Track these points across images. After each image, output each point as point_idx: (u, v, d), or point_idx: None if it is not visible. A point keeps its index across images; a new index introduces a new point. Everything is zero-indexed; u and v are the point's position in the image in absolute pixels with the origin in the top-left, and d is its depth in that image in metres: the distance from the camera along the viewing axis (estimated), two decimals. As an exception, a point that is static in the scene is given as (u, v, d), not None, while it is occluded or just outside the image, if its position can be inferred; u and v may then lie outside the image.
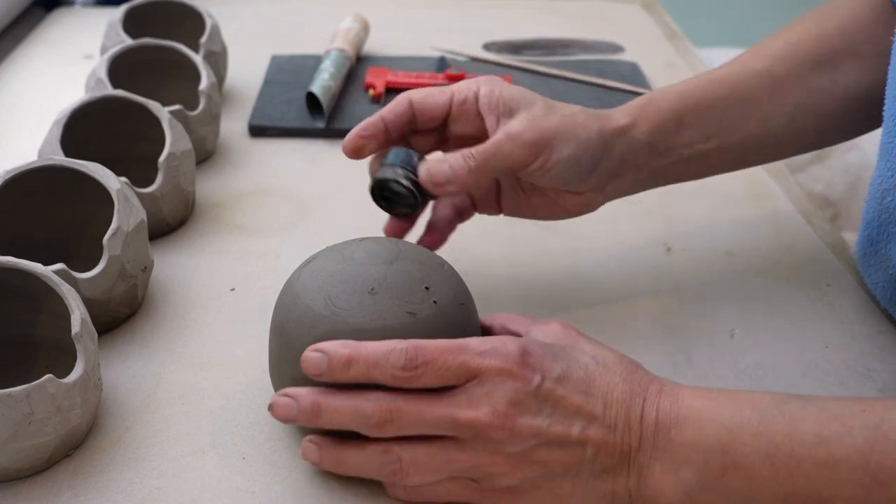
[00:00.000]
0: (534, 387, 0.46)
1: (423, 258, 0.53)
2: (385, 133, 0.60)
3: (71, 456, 0.53)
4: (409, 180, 0.59)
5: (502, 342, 0.48)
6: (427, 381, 0.47)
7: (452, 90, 0.61)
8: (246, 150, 0.88)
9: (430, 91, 0.60)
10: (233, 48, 1.02)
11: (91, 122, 0.72)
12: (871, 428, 0.44)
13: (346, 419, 0.47)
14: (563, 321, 0.53)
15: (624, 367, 0.49)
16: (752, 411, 0.46)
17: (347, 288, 0.50)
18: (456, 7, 1.26)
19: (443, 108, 0.60)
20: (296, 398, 0.48)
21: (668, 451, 0.47)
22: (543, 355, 0.48)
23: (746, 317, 0.67)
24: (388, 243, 0.54)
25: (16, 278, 0.54)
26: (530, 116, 0.59)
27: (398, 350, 0.46)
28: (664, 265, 0.73)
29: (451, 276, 0.53)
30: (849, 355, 0.64)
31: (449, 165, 0.57)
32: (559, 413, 0.47)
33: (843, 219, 1.25)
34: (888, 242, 0.64)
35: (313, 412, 0.47)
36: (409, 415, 0.46)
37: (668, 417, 0.47)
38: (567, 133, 0.59)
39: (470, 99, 0.60)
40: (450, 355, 0.47)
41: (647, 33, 1.20)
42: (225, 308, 0.66)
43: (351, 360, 0.47)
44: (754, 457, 0.45)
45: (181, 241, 0.74)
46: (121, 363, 0.60)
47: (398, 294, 0.50)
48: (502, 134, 0.58)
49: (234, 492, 0.51)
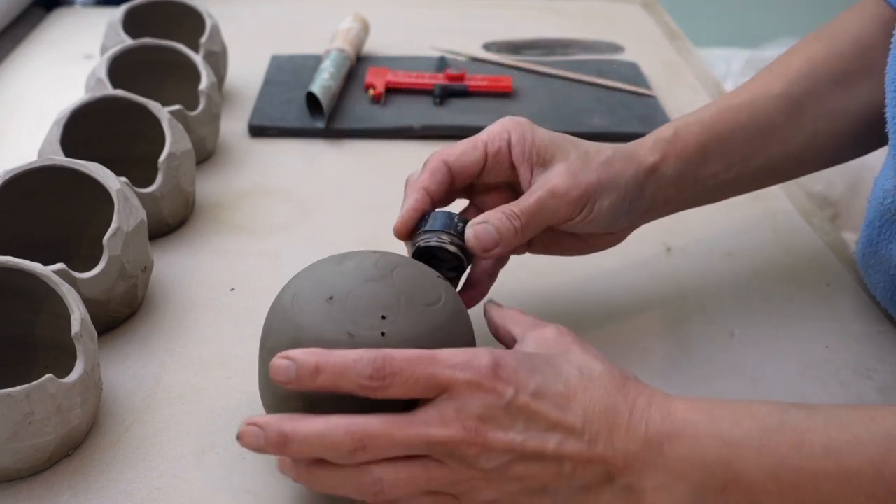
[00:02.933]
0: (505, 401, 0.45)
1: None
2: (431, 205, 0.58)
3: (71, 456, 0.53)
4: (455, 246, 0.57)
5: (474, 354, 0.46)
6: (395, 391, 0.45)
7: (485, 143, 0.59)
8: (246, 150, 0.88)
9: (464, 149, 0.59)
10: (233, 48, 1.02)
11: (91, 122, 0.72)
12: (882, 437, 0.43)
13: (316, 449, 0.45)
14: (559, 326, 0.52)
15: (610, 380, 0.48)
16: (752, 423, 0.45)
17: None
18: (456, 7, 1.26)
19: (479, 164, 0.59)
20: (263, 427, 0.45)
21: (661, 466, 0.45)
22: (517, 369, 0.46)
23: (746, 317, 0.67)
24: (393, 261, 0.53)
25: (16, 278, 0.54)
26: (569, 169, 0.57)
27: (366, 359, 0.45)
28: (664, 265, 0.73)
29: (432, 312, 0.50)
30: (849, 355, 0.64)
31: (496, 228, 0.56)
32: (533, 428, 0.45)
33: (843, 219, 1.25)
34: (889, 243, 0.64)
35: (280, 442, 0.45)
36: (380, 439, 0.44)
37: (659, 432, 0.46)
38: (607, 183, 0.58)
39: (503, 149, 0.59)
40: (419, 366, 0.45)
41: (647, 33, 1.20)
42: (225, 308, 0.66)
43: (319, 368, 0.45)
44: (757, 471, 0.44)
45: (181, 241, 0.74)
46: (121, 363, 0.60)
47: (358, 312, 0.49)
48: (545, 192, 0.57)
49: (234, 492, 0.51)
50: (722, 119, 0.63)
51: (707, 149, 0.62)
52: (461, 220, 0.57)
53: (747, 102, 0.64)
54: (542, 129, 0.60)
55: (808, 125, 0.64)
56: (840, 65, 0.65)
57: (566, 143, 0.59)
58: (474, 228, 0.56)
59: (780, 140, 0.64)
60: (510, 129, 0.59)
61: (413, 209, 0.57)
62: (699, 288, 0.70)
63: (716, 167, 0.62)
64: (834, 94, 0.65)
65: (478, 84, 0.98)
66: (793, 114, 0.64)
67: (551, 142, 0.59)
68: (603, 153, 0.59)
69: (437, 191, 0.58)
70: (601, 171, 0.58)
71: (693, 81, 1.06)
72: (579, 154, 0.58)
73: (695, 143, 0.61)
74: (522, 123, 0.60)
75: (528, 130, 0.59)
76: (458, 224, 0.57)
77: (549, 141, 0.59)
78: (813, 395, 0.60)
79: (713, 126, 0.62)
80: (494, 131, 0.59)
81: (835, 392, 0.60)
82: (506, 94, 0.98)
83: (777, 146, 0.64)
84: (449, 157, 0.58)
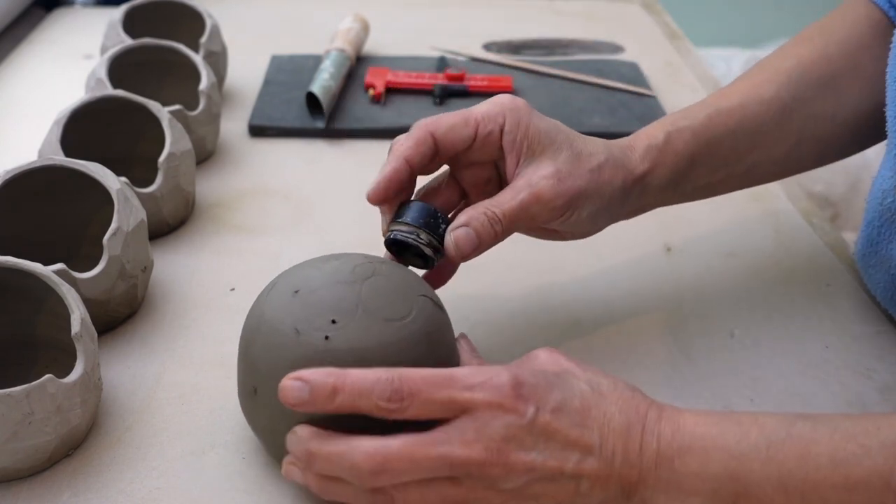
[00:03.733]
0: (528, 420, 0.45)
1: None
2: (410, 176, 0.56)
3: (71, 456, 0.53)
4: (431, 248, 0.55)
5: (493, 373, 0.46)
6: (413, 413, 0.45)
7: (477, 122, 0.57)
8: (246, 150, 0.88)
9: (454, 123, 0.57)
10: (233, 48, 1.02)
11: (91, 122, 0.72)
12: (889, 447, 0.43)
13: (337, 469, 0.45)
14: (546, 347, 0.51)
15: (619, 395, 0.48)
16: (759, 435, 0.45)
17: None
18: (456, 7, 1.26)
19: (467, 142, 0.57)
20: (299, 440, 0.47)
21: (673, 482, 0.46)
22: (537, 385, 0.46)
23: (746, 317, 0.67)
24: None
25: (16, 278, 0.54)
26: (557, 173, 0.56)
27: (384, 380, 0.45)
28: (664, 265, 0.73)
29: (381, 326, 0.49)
30: (849, 355, 0.64)
31: (476, 234, 0.54)
32: (553, 447, 0.45)
33: (843, 219, 1.25)
34: (888, 243, 0.64)
35: (307, 461, 0.46)
36: (401, 462, 0.44)
37: (669, 447, 0.46)
38: (593, 192, 0.57)
39: (495, 133, 0.57)
40: (436, 388, 0.45)
41: (647, 33, 1.20)
42: (225, 308, 0.66)
43: (336, 389, 0.45)
44: (766, 483, 0.44)
45: (181, 241, 0.74)
46: (121, 363, 0.60)
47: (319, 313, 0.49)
48: (529, 196, 0.55)
49: (234, 492, 0.51)
50: (712, 124, 0.62)
51: (696, 157, 0.61)
52: (443, 220, 0.56)
53: (738, 107, 0.63)
54: (539, 117, 0.58)
55: (795, 130, 0.64)
56: (829, 68, 0.65)
57: (559, 138, 0.57)
58: (455, 234, 0.55)
59: (766, 145, 0.64)
60: (506, 112, 0.57)
61: (388, 178, 0.55)
62: (699, 288, 0.70)
63: (700, 172, 0.62)
64: (821, 99, 0.65)
65: (478, 84, 0.98)
66: (781, 120, 0.64)
67: (545, 134, 0.57)
68: (595, 159, 0.57)
69: (420, 163, 0.56)
70: (589, 179, 0.57)
71: (693, 81, 1.06)
72: (570, 155, 0.57)
73: (684, 152, 0.61)
74: (520, 108, 0.57)
75: (525, 117, 0.57)
76: (440, 224, 0.56)
77: (542, 132, 0.57)
78: (813, 395, 0.60)
79: (703, 133, 0.62)
80: (490, 112, 0.57)
81: (835, 392, 0.60)
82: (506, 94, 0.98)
83: (762, 151, 0.64)
84: (437, 130, 0.56)
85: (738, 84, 0.66)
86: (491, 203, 0.56)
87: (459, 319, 0.60)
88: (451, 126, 0.57)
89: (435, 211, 0.56)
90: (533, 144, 0.56)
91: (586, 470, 0.46)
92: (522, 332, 0.65)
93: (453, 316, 0.56)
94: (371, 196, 0.56)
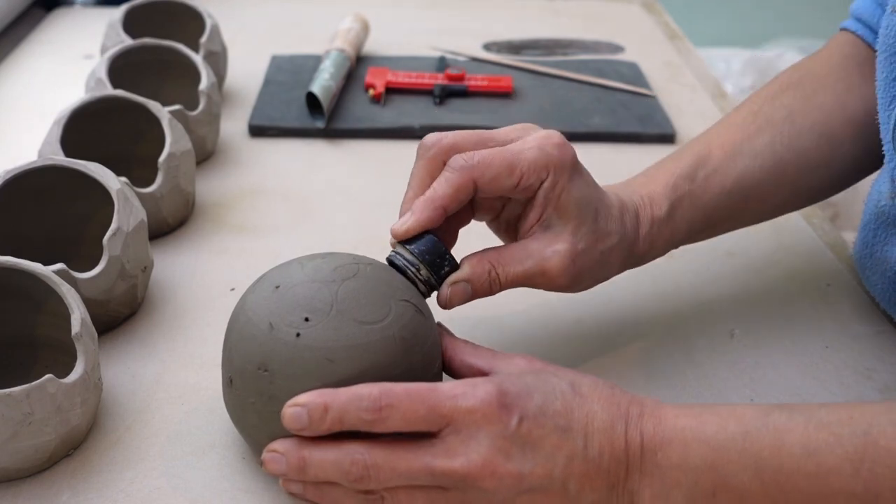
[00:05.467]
0: (512, 430, 0.45)
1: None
2: (442, 221, 0.54)
3: (71, 456, 0.53)
4: (427, 286, 0.54)
5: (474, 384, 0.46)
6: (394, 424, 0.45)
7: (522, 174, 0.53)
8: (246, 150, 0.88)
9: (498, 173, 0.53)
10: (233, 48, 1.02)
11: (91, 122, 0.72)
12: (860, 435, 0.44)
13: (330, 473, 0.46)
14: (525, 355, 0.51)
15: (600, 393, 0.48)
16: (737, 426, 0.46)
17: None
18: (456, 7, 1.26)
19: (507, 192, 0.54)
20: (284, 454, 0.47)
21: (657, 475, 0.46)
22: (519, 393, 0.46)
23: (746, 317, 0.67)
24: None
25: (16, 278, 0.54)
26: (572, 251, 0.54)
27: (365, 393, 0.45)
28: (664, 265, 0.73)
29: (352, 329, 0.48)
30: (849, 355, 0.64)
31: (473, 290, 0.54)
32: (539, 453, 0.46)
33: (843, 219, 1.25)
34: (884, 245, 0.64)
35: (300, 467, 0.47)
36: (384, 469, 0.45)
37: (652, 441, 0.46)
38: (597, 271, 0.57)
39: (533, 187, 0.54)
40: (417, 399, 0.45)
41: (647, 33, 1.20)
42: (225, 308, 0.65)
43: (327, 407, 0.46)
44: (743, 474, 0.45)
45: (181, 241, 0.74)
46: (121, 363, 0.60)
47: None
48: (536, 268, 0.54)
49: (234, 492, 0.51)
50: (710, 186, 0.61)
51: (693, 225, 0.62)
52: (449, 263, 0.54)
53: (734, 165, 0.62)
54: (578, 180, 0.55)
55: (789, 183, 0.64)
56: (822, 116, 0.64)
57: (586, 212, 0.55)
58: (452, 289, 0.54)
59: (761, 199, 0.64)
60: (552, 168, 0.54)
61: (421, 225, 0.53)
62: (699, 288, 0.70)
63: (694, 237, 0.63)
64: (816, 150, 0.64)
65: (478, 84, 0.98)
66: (777, 177, 0.63)
67: (574, 205, 0.55)
68: (609, 240, 0.56)
69: (455, 209, 0.54)
70: (598, 260, 0.56)
71: (693, 81, 1.06)
72: (590, 232, 0.55)
73: (683, 224, 0.61)
74: (566, 167, 0.54)
75: (563, 179, 0.54)
76: (444, 265, 0.54)
77: (573, 203, 0.54)
78: (813, 395, 0.60)
79: (702, 197, 0.61)
80: (537, 164, 0.53)
81: (835, 392, 0.60)
82: (506, 94, 0.98)
83: (756, 204, 0.64)
84: (481, 178, 0.53)
85: (733, 133, 0.64)
86: (497, 261, 0.54)
87: (459, 319, 0.60)
88: (496, 176, 0.53)
89: (445, 251, 0.54)
90: (560, 211, 0.55)
91: (574, 472, 0.46)
92: (522, 331, 0.65)
93: (453, 314, 0.56)
94: (395, 235, 0.54)
